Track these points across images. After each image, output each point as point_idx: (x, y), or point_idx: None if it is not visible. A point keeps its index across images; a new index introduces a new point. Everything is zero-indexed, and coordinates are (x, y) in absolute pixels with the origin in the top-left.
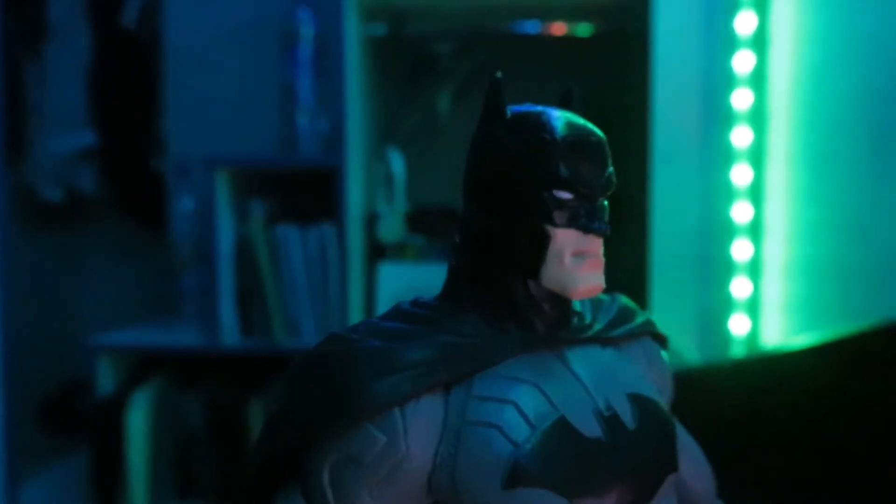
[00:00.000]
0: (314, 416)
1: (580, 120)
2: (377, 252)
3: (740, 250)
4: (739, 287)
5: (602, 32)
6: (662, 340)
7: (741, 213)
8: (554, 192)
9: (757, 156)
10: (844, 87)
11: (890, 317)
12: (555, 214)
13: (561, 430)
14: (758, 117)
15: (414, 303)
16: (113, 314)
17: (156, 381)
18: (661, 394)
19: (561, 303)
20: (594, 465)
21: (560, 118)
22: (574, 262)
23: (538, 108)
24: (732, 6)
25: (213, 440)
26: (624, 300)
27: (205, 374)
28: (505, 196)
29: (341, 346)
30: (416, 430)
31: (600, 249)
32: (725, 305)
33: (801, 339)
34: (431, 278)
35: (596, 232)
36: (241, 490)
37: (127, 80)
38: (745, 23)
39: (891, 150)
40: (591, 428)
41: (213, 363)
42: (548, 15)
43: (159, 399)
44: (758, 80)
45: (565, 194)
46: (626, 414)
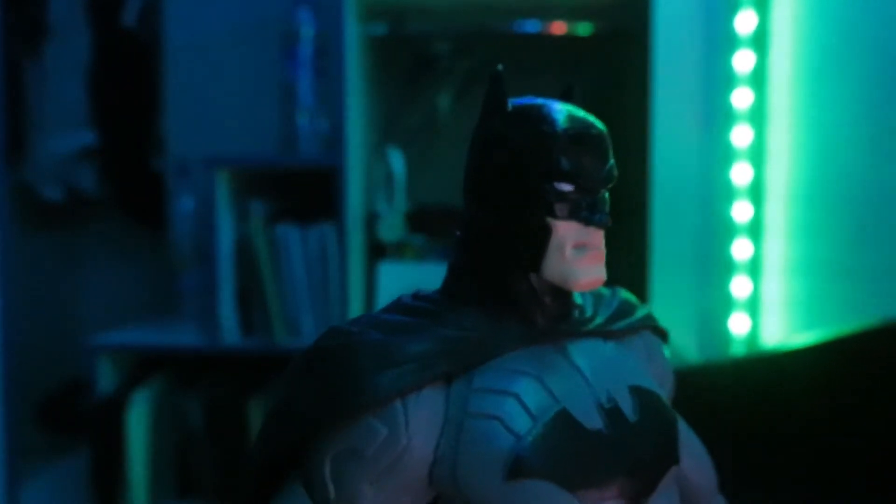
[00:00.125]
0: (315, 409)
1: (581, 112)
2: (377, 252)
3: (740, 249)
4: (739, 286)
5: (602, 32)
6: (663, 335)
7: (741, 212)
8: (555, 184)
9: (757, 155)
10: (844, 87)
11: (890, 317)
12: (556, 207)
13: (562, 422)
14: (758, 116)
15: (415, 296)
16: (113, 314)
17: (156, 381)
18: (662, 388)
19: (562, 296)
20: (595, 457)
21: (561, 111)
22: (575, 255)
23: (539, 100)
24: (733, 5)
25: (212, 440)
26: (624, 294)
27: (205, 374)
28: (506, 188)
29: (342, 339)
30: (418, 423)
31: (602, 242)
32: (725, 305)
33: (802, 339)
34: (431, 278)
35: (597, 224)
36: (240, 486)
37: (127, 79)
38: (745, 22)
39: (891, 149)
40: (593, 420)
41: (213, 363)
42: (548, 14)
43: (159, 399)
44: (758, 79)
45: (566, 186)
46: (627, 406)
